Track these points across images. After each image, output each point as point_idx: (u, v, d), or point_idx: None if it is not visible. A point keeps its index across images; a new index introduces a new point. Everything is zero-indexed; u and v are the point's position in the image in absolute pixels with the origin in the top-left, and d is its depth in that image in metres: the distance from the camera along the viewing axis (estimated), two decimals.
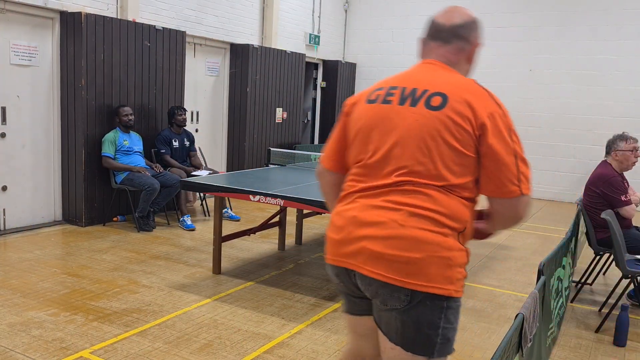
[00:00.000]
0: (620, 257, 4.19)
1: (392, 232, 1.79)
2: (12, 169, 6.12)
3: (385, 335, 1.92)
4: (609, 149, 4.83)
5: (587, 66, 9.93)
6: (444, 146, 1.81)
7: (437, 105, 1.84)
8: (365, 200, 1.88)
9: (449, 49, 2.00)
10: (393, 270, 1.79)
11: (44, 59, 6.31)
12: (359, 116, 1.99)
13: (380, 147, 1.89)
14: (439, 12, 2.06)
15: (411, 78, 1.96)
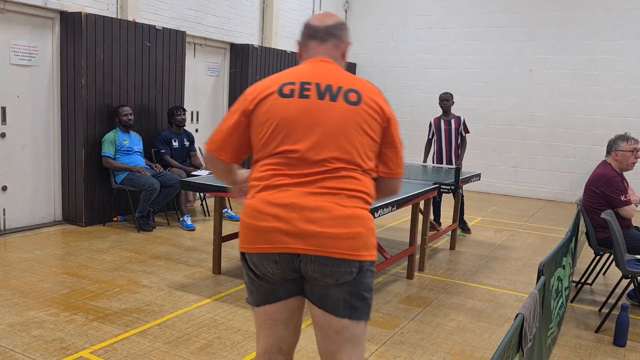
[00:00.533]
0: (620, 257, 4.19)
1: (337, 214, 1.99)
2: (12, 169, 6.12)
3: (331, 314, 2.06)
4: (609, 148, 4.84)
5: (587, 66, 9.93)
6: (364, 136, 2.08)
7: (355, 101, 2.09)
8: (300, 188, 2.01)
9: (327, 46, 2.22)
10: (345, 247, 1.98)
11: (44, 59, 6.31)
12: (273, 109, 2.07)
13: (308, 139, 2.04)
14: (312, 17, 2.28)
15: (317, 74, 2.14)
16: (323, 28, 2.22)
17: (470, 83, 10.92)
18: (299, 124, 2.05)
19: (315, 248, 1.97)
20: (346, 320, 2.05)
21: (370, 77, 11.95)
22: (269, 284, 2.11)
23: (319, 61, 2.20)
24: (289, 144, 2.04)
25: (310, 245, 1.97)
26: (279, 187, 2.02)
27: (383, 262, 4.63)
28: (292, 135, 2.05)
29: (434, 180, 5.58)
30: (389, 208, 4.21)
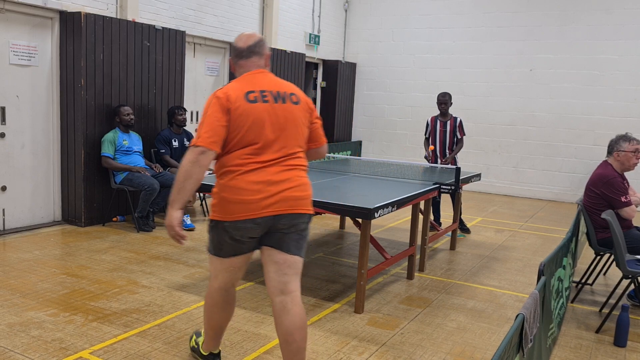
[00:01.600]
0: (620, 257, 4.18)
1: (299, 182, 2.83)
2: (11, 169, 6.11)
3: (286, 252, 2.84)
4: (611, 149, 4.82)
5: (587, 66, 9.92)
6: (304, 126, 2.94)
7: (296, 101, 2.91)
8: (272, 168, 2.77)
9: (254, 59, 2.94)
10: (305, 205, 2.85)
11: (44, 59, 6.30)
12: (247, 112, 2.75)
13: (273, 133, 2.79)
14: (238, 39, 2.97)
15: (267, 83, 2.88)
16: (252, 45, 2.93)
17: (470, 83, 10.92)
18: (266, 122, 2.78)
19: (290, 208, 2.78)
20: (297, 257, 2.86)
21: (370, 77, 11.95)
22: (240, 243, 2.83)
23: (259, 72, 2.92)
24: (259, 137, 2.76)
25: (287, 207, 2.77)
26: (256, 169, 2.75)
27: (383, 263, 4.62)
28: (263, 130, 2.77)
29: (434, 180, 5.57)
30: (389, 208, 4.20)
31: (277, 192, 2.74)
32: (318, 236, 6.71)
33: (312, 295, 4.65)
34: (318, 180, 5.26)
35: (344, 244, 6.44)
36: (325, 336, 3.85)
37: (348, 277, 5.19)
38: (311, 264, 5.55)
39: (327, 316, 4.21)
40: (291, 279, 2.83)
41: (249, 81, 2.84)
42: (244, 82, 2.84)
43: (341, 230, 7.12)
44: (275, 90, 2.86)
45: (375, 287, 4.97)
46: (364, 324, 4.11)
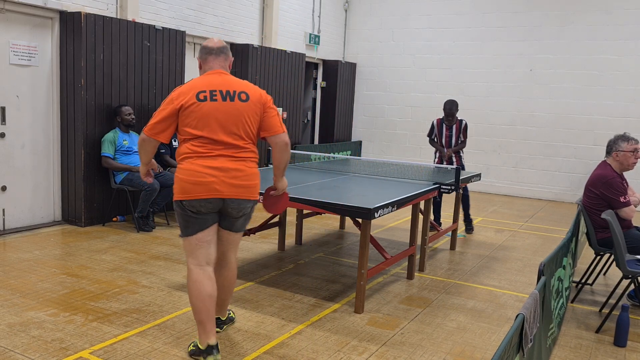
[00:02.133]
0: (620, 257, 4.19)
1: (247, 173, 3.33)
2: (11, 169, 6.11)
3: (234, 231, 3.49)
4: (609, 149, 4.82)
5: (587, 66, 9.92)
6: (253, 121, 3.34)
7: (245, 99, 3.32)
8: (224, 157, 3.26)
9: (220, 59, 3.44)
10: (250, 193, 3.36)
11: (44, 59, 6.30)
12: (196, 110, 3.23)
13: (220, 127, 3.24)
14: (211, 41, 3.46)
15: (219, 84, 3.32)
16: (217, 48, 3.43)
17: (470, 83, 10.92)
18: (214, 118, 3.23)
19: (237, 194, 3.29)
20: (240, 234, 3.55)
21: (370, 77, 11.95)
22: (202, 215, 3.30)
23: (217, 73, 3.38)
24: (211, 131, 3.23)
25: (235, 193, 3.29)
26: (210, 157, 3.24)
27: (383, 263, 4.62)
28: (210, 124, 3.23)
29: (434, 180, 5.57)
30: (389, 208, 4.20)
31: (231, 179, 3.25)
32: (318, 236, 6.71)
33: (312, 295, 4.66)
34: (318, 180, 5.26)
35: (344, 244, 6.44)
36: (325, 336, 3.85)
37: (348, 277, 5.19)
38: (311, 264, 5.55)
39: (327, 316, 4.21)
40: (232, 249, 3.57)
41: (205, 81, 3.33)
42: (200, 81, 3.33)
43: (341, 230, 7.12)
44: (225, 89, 3.29)
45: (375, 287, 4.97)
46: (364, 324, 4.11)
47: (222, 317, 3.83)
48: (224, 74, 3.39)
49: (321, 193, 4.47)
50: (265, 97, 3.39)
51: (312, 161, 8.40)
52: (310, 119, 11.84)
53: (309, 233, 6.82)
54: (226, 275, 3.59)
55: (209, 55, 3.43)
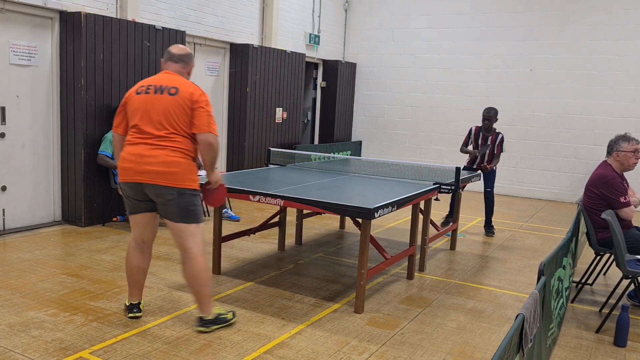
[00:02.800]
0: (620, 257, 4.19)
1: (164, 160, 3.54)
2: (11, 169, 6.11)
3: (169, 219, 3.65)
4: (610, 149, 4.81)
5: (587, 66, 9.92)
6: (180, 114, 3.58)
7: (174, 93, 3.60)
8: (144, 145, 3.56)
9: (177, 66, 3.78)
10: (166, 179, 3.54)
11: (44, 59, 6.30)
12: (134, 102, 3.65)
13: (149, 117, 3.58)
14: (172, 47, 3.81)
15: (159, 80, 3.68)
16: (177, 55, 3.78)
17: (470, 83, 10.92)
18: (143, 109, 3.60)
19: (151, 179, 3.54)
20: (180, 223, 3.64)
21: (370, 77, 11.95)
22: (133, 200, 3.71)
23: (165, 73, 3.75)
24: (138, 121, 3.61)
25: (149, 178, 3.55)
26: (135, 144, 3.60)
27: (383, 263, 4.62)
28: (139, 115, 3.61)
29: (434, 180, 5.57)
30: (389, 208, 4.20)
31: (144, 165, 3.53)
32: (318, 236, 6.71)
33: (312, 295, 4.65)
34: (318, 180, 5.26)
35: (344, 244, 6.44)
36: (325, 336, 3.85)
37: (348, 277, 5.19)
38: (311, 264, 5.55)
39: (327, 316, 4.21)
40: (184, 240, 3.67)
41: (151, 79, 3.72)
42: (148, 79, 3.73)
43: (341, 230, 7.12)
44: (159, 84, 3.64)
45: (375, 287, 4.97)
46: (364, 324, 4.11)
47: (206, 316, 3.79)
48: (171, 74, 3.73)
49: (321, 193, 4.47)
50: (196, 95, 3.59)
51: (312, 161, 8.40)
52: (310, 119, 11.84)
53: (309, 233, 6.82)
54: (189, 266, 3.69)
55: (169, 60, 3.79)
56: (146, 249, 3.88)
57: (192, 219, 3.66)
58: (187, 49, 3.85)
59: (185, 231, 3.66)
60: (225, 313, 3.90)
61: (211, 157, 3.68)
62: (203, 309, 3.79)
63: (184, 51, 3.80)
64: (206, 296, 3.77)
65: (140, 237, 3.84)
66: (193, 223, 3.66)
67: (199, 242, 3.70)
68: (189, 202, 3.63)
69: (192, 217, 3.66)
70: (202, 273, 3.70)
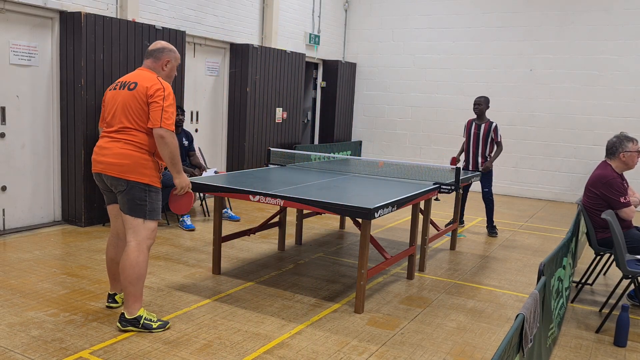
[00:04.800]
0: (620, 257, 4.19)
1: (116, 152, 3.68)
2: (11, 169, 6.11)
3: (121, 210, 3.75)
4: (614, 150, 4.78)
5: (587, 66, 9.92)
6: (137, 108, 3.67)
7: (132, 88, 3.71)
8: (105, 138, 3.76)
9: (149, 60, 3.88)
10: (117, 171, 3.67)
11: (44, 59, 6.30)
12: (106, 98, 3.87)
13: (111, 112, 3.76)
14: (153, 44, 3.91)
15: (128, 77, 3.82)
16: (150, 50, 3.88)
17: (470, 83, 10.92)
18: (110, 105, 3.79)
19: (104, 170, 3.72)
20: (128, 216, 3.71)
21: (370, 77, 11.95)
22: (104, 192, 3.92)
23: (139, 69, 3.86)
24: (107, 115, 3.81)
25: (102, 169, 3.73)
26: (100, 138, 3.82)
27: (383, 263, 4.62)
28: (108, 110, 3.80)
29: (434, 180, 5.57)
30: (389, 208, 4.20)
31: (101, 156, 3.73)
32: (318, 236, 6.71)
33: (312, 295, 4.66)
34: (318, 180, 5.26)
35: (344, 244, 6.44)
36: (326, 336, 3.85)
37: (348, 277, 5.19)
38: (311, 264, 5.55)
39: (327, 316, 4.21)
40: (127, 233, 3.75)
41: (125, 76, 3.88)
42: (125, 76, 3.89)
43: (341, 230, 7.12)
44: (125, 81, 3.79)
45: (375, 287, 4.97)
46: (364, 324, 4.11)
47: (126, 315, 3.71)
48: (141, 69, 3.86)
49: (321, 193, 4.47)
50: (152, 90, 3.64)
51: (312, 161, 8.39)
52: (310, 119, 11.84)
53: (309, 233, 6.82)
54: (122, 258, 3.70)
55: (145, 56, 3.95)
56: (120, 243, 3.94)
57: (138, 213, 3.67)
58: (163, 43, 3.89)
59: (129, 224, 3.70)
60: (153, 320, 3.77)
61: (167, 153, 3.65)
62: (126, 306, 3.71)
63: (155, 46, 3.86)
64: (130, 294, 3.67)
65: (114, 229, 3.97)
66: (139, 218, 3.67)
67: (141, 237, 3.68)
68: (136, 196, 3.66)
69: (138, 211, 3.67)
70: (130, 269, 3.64)
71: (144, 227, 3.69)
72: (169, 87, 3.72)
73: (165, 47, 3.87)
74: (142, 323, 3.71)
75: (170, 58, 3.88)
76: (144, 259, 3.68)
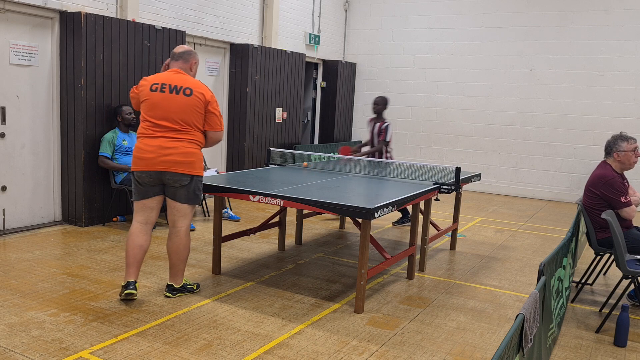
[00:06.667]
0: (620, 257, 4.19)
1: (182, 151, 4.11)
2: (11, 169, 6.12)
3: (177, 201, 4.21)
4: (609, 149, 4.80)
5: (587, 66, 9.93)
6: (194, 112, 4.15)
7: (189, 94, 4.14)
8: (162, 138, 4.10)
9: (179, 62, 4.29)
10: (184, 168, 4.12)
11: (44, 59, 6.30)
12: (147, 95, 4.15)
13: (167, 114, 4.09)
14: (178, 47, 4.30)
15: (171, 79, 4.17)
16: (178, 53, 4.28)
17: (470, 83, 10.92)
18: (159, 106, 4.10)
19: (170, 167, 4.09)
20: (183, 204, 4.23)
21: (370, 77, 11.95)
22: (145, 186, 4.21)
23: (174, 72, 4.24)
24: (152, 115, 4.12)
25: (168, 166, 4.08)
26: (151, 137, 4.12)
27: (383, 263, 4.62)
28: (155, 110, 4.11)
29: (434, 180, 5.57)
30: (389, 208, 4.20)
31: (165, 155, 4.07)
32: (318, 236, 6.71)
33: (312, 295, 4.66)
34: (318, 180, 5.26)
35: (344, 244, 6.45)
36: (326, 336, 3.85)
37: (348, 277, 5.19)
38: (311, 263, 5.56)
39: (327, 316, 4.21)
40: (178, 219, 4.27)
41: (162, 77, 4.19)
42: (159, 76, 4.20)
43: (341, 230, 7.12)
44: (174, 84, 4.14)
45: (375, 287, 4.97)
46: (364, 324, 4.11)
47: (175, 285, 4.40)
48: (178, 72, 4.24)
49: (321, 193, 4.48)
50: (208, 97, 4.19)
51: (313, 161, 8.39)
52: (310, 119, 11.84)
53: (309, 233, 6.83)
54: (175, 241, 4.29)
55: (172, 59, 4.32)
56: (149, 229, 4.32)
57: (195, 201, 4.29)
58: (188, 47, 4.35)
59: (183, 211, 4.25)
60: (191, 284, 4.52)
61: (213, 145, 4.43)
62: (173, 279, 4.39)
63: (183, 49, 4.31)
64: (181, 269, 4.37)
65: (146, 218, 4.28)
66: (193, 204, 4.30)
67: (188, 221, 4.34)
68: (197, 187, 4.27)
69: (195, 199, 4.29)
70: (185, 249, 4.33)
71: (192, 211, 4.33)
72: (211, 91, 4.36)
73: (191, 50, 4.34)
74: (187, 288, 4.46)
75: (197, 60, 4.38)
76: (190, 239, 4.50)
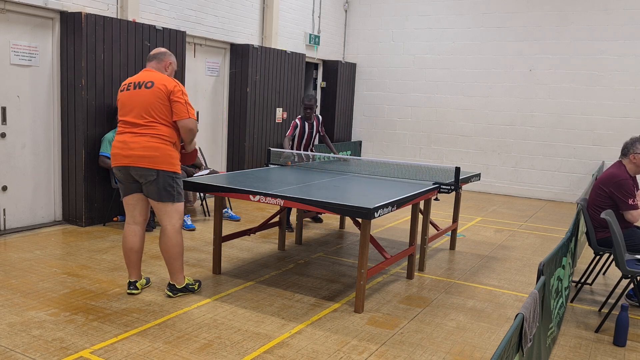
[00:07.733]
0: (620, 257, 4.19)
1: (144, 145, 4.08)
2: (12, 168, 6.12)
3: (151, 198, 4.19)
4: (626, 151, 4.79)
5: (587, 66, 9.93)
6: (157, 104, 4.10)
7: (150, 86, 4.12)
8: (128, 134, 4.13)
9: (152, 63, 4.33)
10: (147, 162, 4.08)
11: (44, 59, 6.31)
12: (120, 99, 4.24)
13: (131, 109, 4.14)
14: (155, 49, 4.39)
15: (138, 77, 4.22)
16: (152, 55, 4.34)
17: (470, 83, 10.93)
18: (126, 104, 4.18)
19: (133, 162, 4.09)
20: (158, 202, 4.18)
21: (370, 77, 11.96)
22: (124, 183, 4.26)
23: (144, 71, 4.28)
24: (124, 114, 4.19)
25: (131, 161, 4.09)
26: (120, 134, 4.18)
27: (383, 262, 4.63)
28: (124, 109, 4.19)
29: (434, 180, 5.58)
30: (389, 208, 4.21)
31: (128, 150, 4.09)
32: (318, 236, 6.72)
33: (312, 294, 4.66)
34: (318, 180, 5.27)
35: (344, 243, 6.45)
36: (325, 336, 3.86)
37: (348, 277, 5.20)
38: (311, 263, 5.56)
39: (327, 316, 4.22)
40: (161, 217, 4.24)
41: (132, 77, 4.27)
42: (130, 78, 4.29)
43: (341, 230, 7.13)
44: (138, 81, 4.17)
45: (375, 286, 4.98)
46: (363, 323, 4.12)
47: (177, 285, 4.39)
48: (148, 70, 4.27)
49: (321, 193, 4.48)
50: (170, 87, 4.11)
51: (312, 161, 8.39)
52: None
53: (309, 233, 6.83)
54: (163, 240, 4.27)
55: (147, 60, 4.38)
56: (138, 230, 4.34)
57: (168, 198, 4.18)
58: (165, 49, 4.42)
59: (162, 209, 4.20)
60: (193, 283, 4.50)
61: (192, 138, 4.28)
62: (173, 278, 4.37)
63: (158, 51, 4.37)
64: (177, 268, 4.33)
65: (132, 218, 4.33)
66: (169, 202, 4.18)
67: (174, 220, 4.24)
68: (166, 184, 4.15)
69: (167, 196, 4.18)
70: (173, 248, 4.26)
71: (174, 209, 4.22)
72: (180, 83, 4.19)
73: (166, 51, 4.37)
74: (189, 288, 4.44)
75: (172, 61, 4.37)
76: (181, 237, 4.29)
